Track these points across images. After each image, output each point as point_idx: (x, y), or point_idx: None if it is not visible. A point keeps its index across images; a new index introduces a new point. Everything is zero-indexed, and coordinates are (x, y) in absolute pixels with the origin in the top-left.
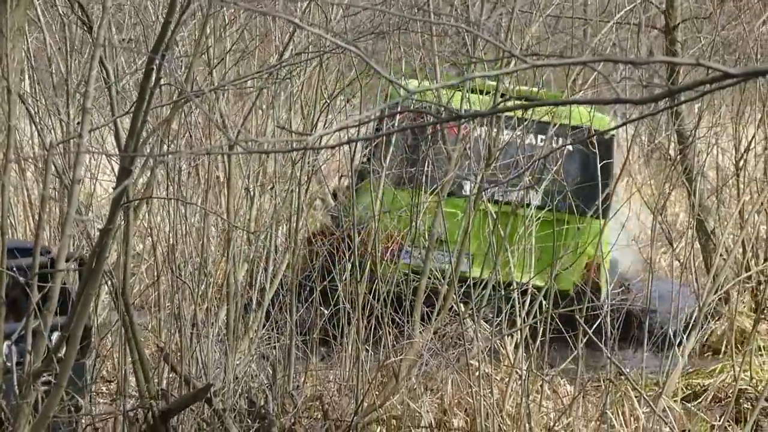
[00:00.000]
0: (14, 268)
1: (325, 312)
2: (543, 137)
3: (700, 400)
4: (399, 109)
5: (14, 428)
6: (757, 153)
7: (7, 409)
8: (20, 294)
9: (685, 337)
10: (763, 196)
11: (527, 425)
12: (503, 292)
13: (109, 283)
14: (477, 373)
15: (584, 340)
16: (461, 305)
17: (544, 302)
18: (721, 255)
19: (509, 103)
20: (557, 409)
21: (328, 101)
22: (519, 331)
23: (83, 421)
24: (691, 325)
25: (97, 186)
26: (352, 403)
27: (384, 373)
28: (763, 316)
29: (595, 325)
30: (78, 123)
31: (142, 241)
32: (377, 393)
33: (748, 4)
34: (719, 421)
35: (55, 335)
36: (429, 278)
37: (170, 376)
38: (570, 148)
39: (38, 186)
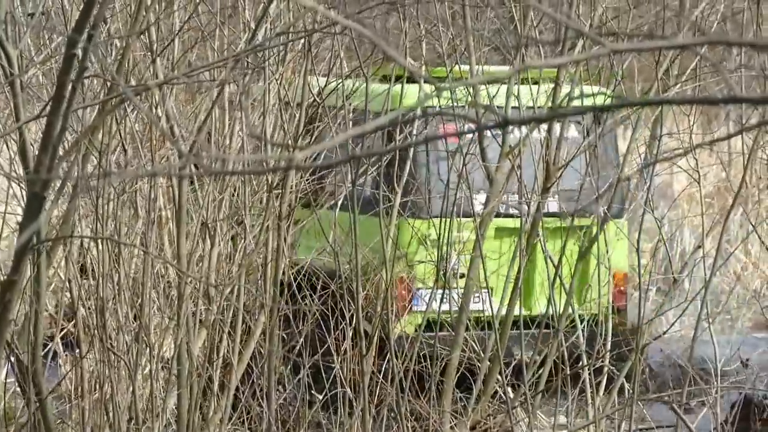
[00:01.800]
0: None
1: (318, 398)
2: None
3: None
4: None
5: None
6: None
7: None
8: None
9: None
10: None
11: None
12: (568, 369)
13: (13, 358)
14: None
15: None
16: (509, 389)
17: (626, 385)
18: None
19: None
20: None
21: (320, 101)
22: (593, 425)
23: None
24: None
25: None
26: None
27: None
28: None
29: (699, 417)
30: None
31: (57, 299)
32: None
33: None
34: None
35: None
36: (463, 351)
37: None
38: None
39: None
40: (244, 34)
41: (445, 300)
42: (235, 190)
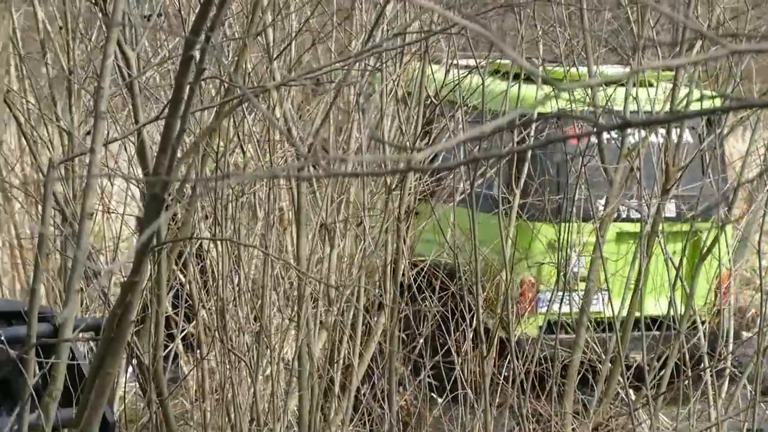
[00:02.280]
0: (2, 338)
1: (439, 400)
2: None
3: None
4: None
5: None
6: None
7: None
8: (12, 374)
9: None
10: None
11: None
12: (689, 371)
13: (135, 360)
14: None
15: None
16: (631, 391)
17: (748, 386)
18: None
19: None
20: None
21: (437, 102)
22: (715, 427)
23: None
24: None
25: (113, 222)
26: None
27: None
28: None
29: None
30: (87, 133)
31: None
32: None
33: None
34: None
35: None
36: (584, 352)
37: None
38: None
39: (32, 222)
40: (361, 36)
41: (565, 302)
42: (362, 188)
